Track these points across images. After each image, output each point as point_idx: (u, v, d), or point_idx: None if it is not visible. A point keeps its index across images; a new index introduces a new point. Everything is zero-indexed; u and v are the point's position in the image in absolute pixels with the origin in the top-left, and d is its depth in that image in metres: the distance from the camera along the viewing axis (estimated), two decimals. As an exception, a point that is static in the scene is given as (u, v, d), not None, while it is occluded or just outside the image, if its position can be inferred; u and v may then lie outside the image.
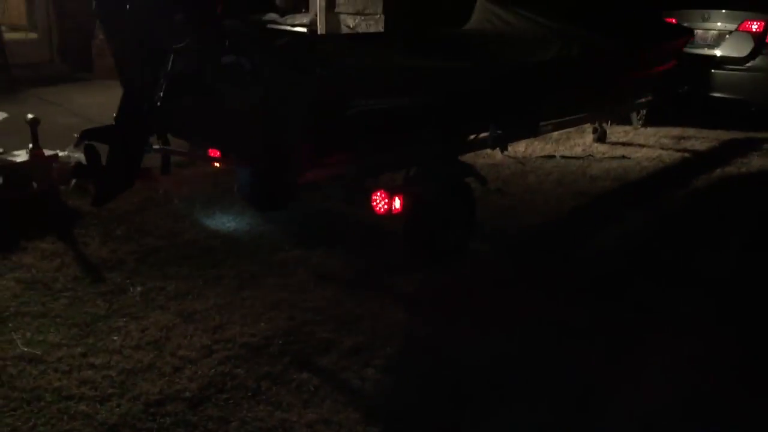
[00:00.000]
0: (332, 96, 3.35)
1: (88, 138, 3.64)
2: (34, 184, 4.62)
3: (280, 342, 3.22)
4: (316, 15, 8.50)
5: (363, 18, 8.03)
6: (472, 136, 4.57)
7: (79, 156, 4.96)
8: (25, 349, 3.09)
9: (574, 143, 6.92)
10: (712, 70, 7.69)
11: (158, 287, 3.71)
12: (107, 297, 3.58)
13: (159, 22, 3.28)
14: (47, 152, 4.69)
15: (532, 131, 5.12)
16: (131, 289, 3.67)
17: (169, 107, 3.53)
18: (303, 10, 9.46)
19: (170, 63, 3.36)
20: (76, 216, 4.53)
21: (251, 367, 3.02)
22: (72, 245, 4.16)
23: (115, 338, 3.21)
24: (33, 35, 9.66)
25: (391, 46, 4.79)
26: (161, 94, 3.38)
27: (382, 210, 3.70)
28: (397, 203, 3.70)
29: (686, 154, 6.71)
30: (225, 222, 4.63)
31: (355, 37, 5.54)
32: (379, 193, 3.69)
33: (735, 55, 7.54)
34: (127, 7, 3.24)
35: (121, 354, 3.09)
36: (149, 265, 3.97)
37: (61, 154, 4.86)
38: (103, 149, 3.72)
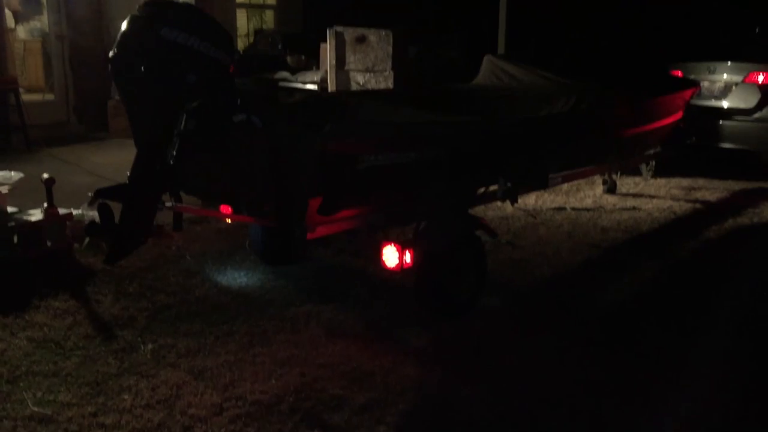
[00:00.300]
0: (342, 151, 3.39)
1: (101, 196, 3.69)
2: (48, 243, 4.67)
3: (291, 399, 3.19)
4: (327, 72, 8.67)
5: (372, 75, 8.19)
6: (482, 189, 4.59)
7: (93, 214, 5.02)
8: (36, 409, 3.07)
9: (585, 195, 6.94)
10: (720, 122, 7.75)
11: (169, 344, 3.70)
12: (118, 355, 3.58)
13: (172, 83, 3.36)
14: (62, 211, 4.75)
15: (542, 183, 5.14)
16: (142, 346, 3.67)
17: (182, 165, 3.58)
18: (314, 68, 9.66)
19: (183, 122, 3.42)
20: (90, 274, 4.56)
21: (262, 426, 2.98)
22: (84, 303, 4.17)
23: (125, 397, 3.19)
24: (50, 96, 9.88)
25: (400, 102, 4.87)
26: (174, 152, 3.43)
27: (393, 264, 3.70)
28: (407, 257, 3.70)
29: (697, 205, 6.71)
30: (236, 278, 4.64)
31: (365, 94, 5.64)
32: (389, 248, 3.70)
33: (742, 106, 7.61)
34: (141, 68, 3.32)
35: (131, 413, 3.06)
36: (161, 322, 3.97)
37: (75, 212, 4.92)
38: (116, 207, 3.77)
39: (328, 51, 8.40)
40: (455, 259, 4.01)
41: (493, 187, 4.59)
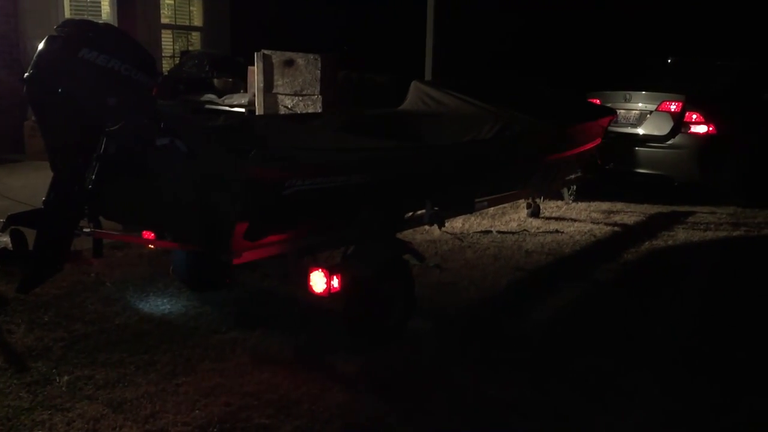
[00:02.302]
0: (267, 177, 3.35)
1: (14, 222, 3.53)
2: (-44, 270, 4.43)
3: (215, 430, 3.11)
4: (254, 95, 8.62)
5: (301, 99, 8.19)
6: (409, 214, 4.63)
7: (5, 241, 4.80)
8: (-61, 449, 2.89)
9: (510, 218, 7.09)
10: (636, 148, 8.07)
11: (86, 376, 3.55)
12: (31, 388, 3.41)
13: (91, 105, 3.26)
14: (-29, 236, 4.52)
15: (468, 208, 5.23)
16: (57, 378, 3.50)
17: (102, 190, 3.47)
18: (241, 91, 9.60)
19: (103, 145, 3.33)
20: (1, 302, 4.33)
21: (184, 459, 2.89)
22: (-5, 333, 3.97)
23: (38, 432, 3.04)
24: (-39, 116, 9.46)
25: (327, 127, 4.87)
26: (93, 176, 3.33)
27: (321, 289, 3.68)
28: (335, 282, 3.68)
29: (616, 228, 6.95)
30: (159, 305, 4.51)
31: (292, 118, 5.62)
32: (316, 273, 3.67)
33: (656, 133, 7.97)
34: (59, 90, 3.22)
35: (44, 450, 2.92)
36: (78, 352, 3.81)
37: (-14, 238, 4.68)
38: (30, 233, 3.62)
39: (256, 74, 8.37)
40: (383, 283, 4.01)
41: (420, 211, 4.64)
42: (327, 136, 4.42)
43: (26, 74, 3.32)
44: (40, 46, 3.35)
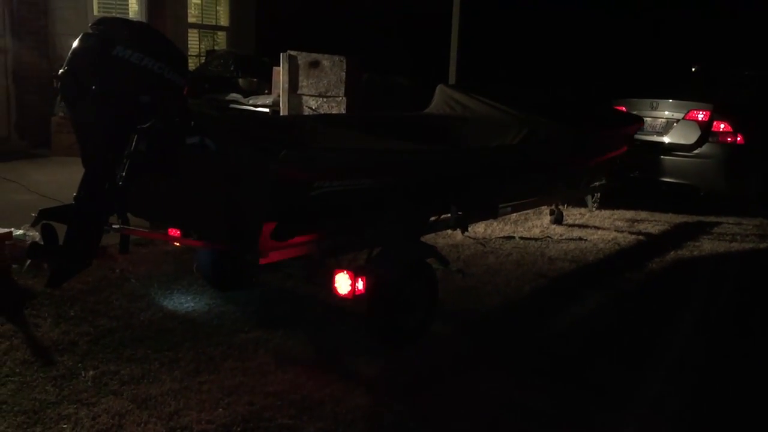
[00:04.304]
0: (297, 177, 3.36)
1: (45, 217, 3.56)
2: (-15, 263, 4.48)
3: (239, 429, 3.11)
4: (279, 96, 8.65)
5: (325, 100, 8.21)
6: (434, 218, 4.62)
7: (35, 235, 4.86)
8: (-33, 439, 2.92)
9: (532, 225, 7.05)
10: (662, 156, 8.00)
11: (112, 371, 3.57)
12: (57, 382, 3.43)
13: (124, 103, 3.29)
14: (0, 230, 4.58)
15: (492, 213, 5.21)
16: (83, 373, 3.53)
17: (131, 186, 3.49)
18: (266, 92, 9.64)
19: (134, 143, 3.35)
20: (28, 296, 4.38)
21: (208, 457, 2.90)
22: (22, 327, 4.00)
23: (64, 426, 3.06)
24: (-10, 111, 9.59)
25: (354, 129, 4.88)
26: (123, 173, 3.35)
27: (345, 291, 3.68)
28: (360, 284, 3.68)
29: (640, 237, 6.88)
30: (183, 302, 4.53)
31: (319, 119, 5.63)
32: (342, 275, 3.67)
33: (683, 142, 7.89)
34: (92, 87, 3.25)
35: (70, 443, 2.94)
36: (103, 347, 3.84)
37: (16, 232, 4.74)
38: (60, 228, 3.65)
39: (281, 75, 8.39)
40: (408, 286, 4.00)
41: (444, 216, 4.63)
42: (354, 138, 4.42)
43: (60, 71, 3.35)
44: (75, 43, 3.39)
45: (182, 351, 3.83)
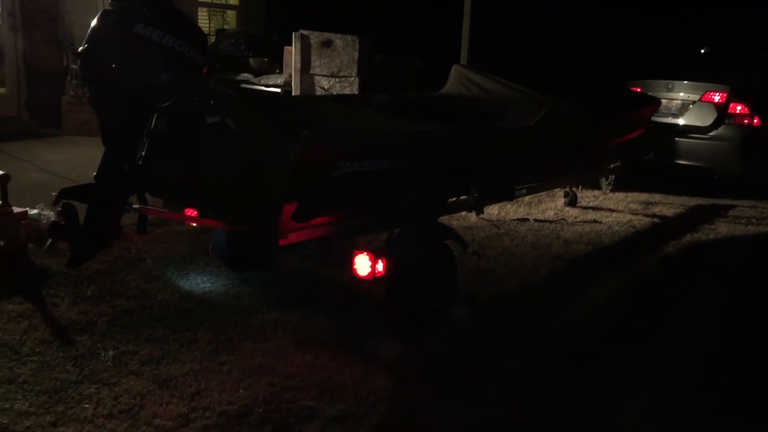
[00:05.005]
0: (319, 157, 3.32)
1: (65, 196, 3.54)
2: (1, 243, 4.46)
3: (261, 410, 3.11)
4: (291, 76, 8.58)
5: (338, 80, 8.14)
6: (453, 199, 4.58)
7: (50, 214, 4.84)
8: (-10, 418, 2.92)
9: (546, 207, 7.00)
10: (677, 139, 7.92)
11: (131, 351, 3.57)
12: (77, 362, 3.43)
13: (145, 81, 3.24)
14: (16, 209, 4.56)
15: (508, 195, 5.17)
16: (103, 353, 3.53)
17: (150, 166, 3.46)
18: (277, 71, 9.56)
19: (154, 122, 3.31)
20: (45, 276, 4.38)
21: (231, 437, 2.90)
22: (40, 306, 4.00)
23: (86, 406, 3.06)
24: (1, 90, 9.53)
25: (371, 109, 4.83)
26: (143, 153, 3.32)
27: (365, 273, 3.66)
28: (380, 266, 3.66)
29: (656, 220, 6.83)
30: (200, 283, 4.51)
31: (335, 99, 5.57)
32: (362, 256, 3.65)
33: (698, 124, 7.80)
34: (113, 65, 3.20)
35: (93, 423, 2.94)
36: (121, 327, 3.83)
37: (31, 212, 4.72)
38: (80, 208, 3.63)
39: (293, 54, 8.32)
40: (427, 268, 3.98)
41: (461, 197, 4.59)
42: (372, 119, 4.37)
43: (80, 48, 3.31)
44: (94, 21, 3.34)
45: (201, 331, 3.83)
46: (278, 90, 8.91)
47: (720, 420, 3.34)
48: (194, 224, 4.56)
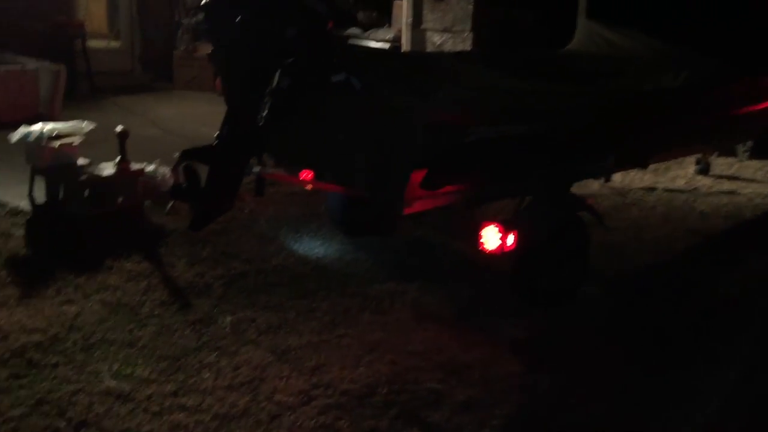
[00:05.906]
0: (450, 121, 3.04)
1: (187, 158, 3.42)
2: (120, 199, 4.45)
3: (384, 391, 2.92)
4: (400, 31, 8.26)
5: (450, 35, 7.75)
6: (585, 166, 4.20)
7: (165, 172, 4.79)
8: (113, 384, 2.86)
9: (675, 174, 6.46)
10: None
11: (248, 318, 3.46)
12: (196, 327, 3.35)
13: (270, 36, 3.04)
14: (134, 166, 4.53)
15: (642, 163, 4.72)
16: (220, 319, 3.43)
17: (271, 126, 3.28)
18: (386, 26, 9.25)
19: (277, 79, 3.11)
20: (161, 234, 4.34)
21: (355, 420, 2.73)
22: (157, 266, 3.97)
23: (206, 376, 2.96)
24: (115, 44, 9.68)
25: (497, 68, 4.46)
26: (265, 113, 3.13)
27: (494, 247, 3.37)
28: (510, 240, 3.37)
29: (802, 192, 6.18)
30: (313, 247, 4.37)
31: (457, 57, 5.20)
32: (491, 228, 3.36)
33: None
34: (238, 19, 3.01)
35: (213, 395, 2.83)
36: (237, 291, 3.74)
37: (147, 168, 4.69)
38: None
39: (403, 8, 7.98)
40: (558, 242, 3.65)
41: (594, 164, 4.20)
42: (502, 79, 4.02)
43: (203, 2, 3.14)
44: (219, -28, 3.15)
45: (317, 300, 3.68)
46: (386, 45, 8.62)
47: None
48: (310, 187, 4.38)
